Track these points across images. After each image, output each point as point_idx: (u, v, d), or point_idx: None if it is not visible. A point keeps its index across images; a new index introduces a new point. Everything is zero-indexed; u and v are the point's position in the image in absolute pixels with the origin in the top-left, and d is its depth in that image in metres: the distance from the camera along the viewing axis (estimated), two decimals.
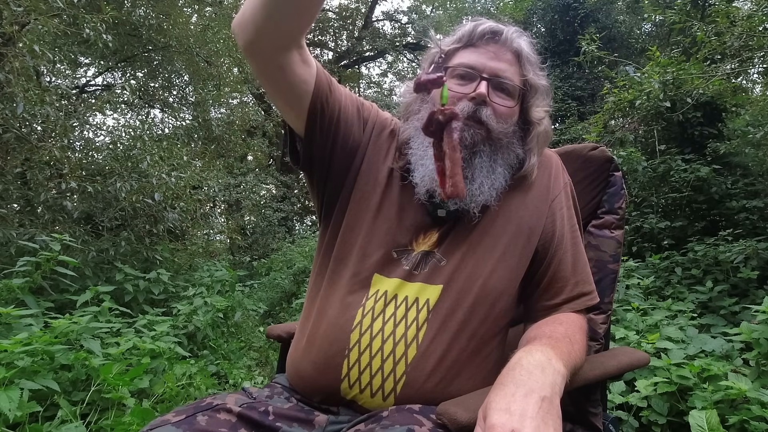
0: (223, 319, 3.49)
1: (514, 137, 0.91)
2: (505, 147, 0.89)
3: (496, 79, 0.87)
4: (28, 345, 1.75)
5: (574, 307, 0.88)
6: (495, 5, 11.93)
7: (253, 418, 0.77)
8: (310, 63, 0.81)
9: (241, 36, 0.76)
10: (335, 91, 0.87)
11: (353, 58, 12.73)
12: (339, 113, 0.88)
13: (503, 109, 0.88)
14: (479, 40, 0.89)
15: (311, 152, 0.89)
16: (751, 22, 3.88)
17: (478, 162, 0.87)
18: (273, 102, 0.87)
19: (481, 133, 0.86)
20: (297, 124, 0.87)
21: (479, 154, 0.87)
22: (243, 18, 0.75)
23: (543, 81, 0.92)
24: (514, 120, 0.90)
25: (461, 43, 0.90)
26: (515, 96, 0.89)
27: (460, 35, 0.90)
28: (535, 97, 0.91)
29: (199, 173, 4.58)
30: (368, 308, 0.83)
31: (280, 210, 9.50)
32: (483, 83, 0.86)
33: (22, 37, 3.60)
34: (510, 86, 0.88)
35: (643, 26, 9.59)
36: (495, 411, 0.58)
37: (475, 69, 0.87)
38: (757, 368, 1.97)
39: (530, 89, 0.91)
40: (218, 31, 5.82)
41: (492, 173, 0.87)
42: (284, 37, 0.74)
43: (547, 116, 0.93)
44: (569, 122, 7.79)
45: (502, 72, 0.87)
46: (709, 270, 3.88)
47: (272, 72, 0.79)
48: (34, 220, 3.57)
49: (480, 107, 0.86)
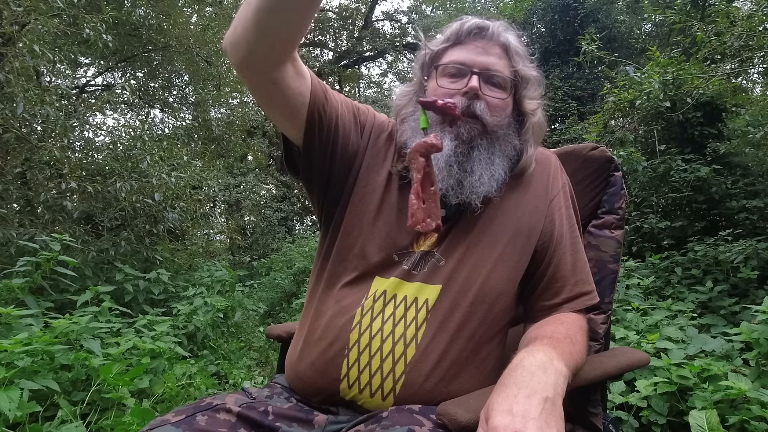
0: (223, 319, 3.49)
1: (510, 129, 0.92)
2: (502, 139, 0.90)
3: (486, 72, 0.89)
4: (28, 345, 1.75)
5: (574, 307, 0.88)
6: (495, 5, 11.91)
7: (252, 418, 0.77)
8: (304, 74, 0.81)
9: (233, 55, 0.76)
10: (331, 99, 0.87)
11: (353, 58, 12.73)
12: (336, 121, 0.88)
13: (496, 102, 0.89)
14: (467, 37, 0.91)
15: (310, 162, 0.89)
16: (751, 22, 3.88)
17: (476, 155, 0.88)
18: (270, 116, 0.86)
19: (477, 128, 0.88)
20: (295, 135, 0.86)
21: (477, 147, 0.88)
22: (234, 37, 0.74)
23: (533, 71, 0.93)
24: (508, 112, 0.92)
25: (450, 42, 0.92)
26: (507, 88, 0.91)
27: (448, 35, 0.92)
28: (527, 88, 0.93)
29: (199, 173, 4.58)
30: (367, 308, 0.84)
31: (280, 210, 9.50)
32: (474, 78, 0.87)
33: (22, 37, 3.60)
34: (501, 79, 0.90)
35: (643, 26, 9.58)
36: (497, 412, 0.58)
37: (465, 65, 0.89)
38: (757, 368, 1.97)
39: (521, 80, 0.92)
40: (218, 31, 5.81)
41: (491, 165, 0.88)
42: (277, 53, 0.74)
43: (540, 107, 0.95)
44: (569, 122, 7.78)
45: (491, 65, 0.89)
46: (709, 270, 3.88)
47: (267, 87, 0.78)
48: (34, 220, 3.57)
49: (473, 101, 0.87)
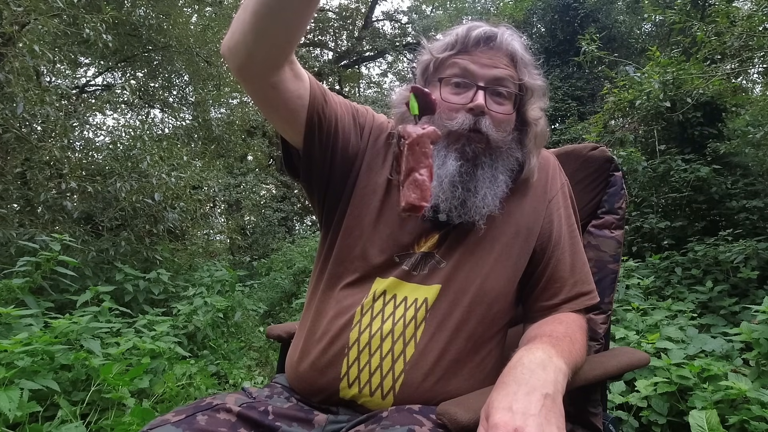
0: (223, 319, 3.49)
1: (513, 142, 0.90)
2: (505, 153, 0.89)
3: (492, 87, 0.86)
4: (28, 345, 1.75)
5: (574, 307, 0.88)
6: (495, 5, 11.91)
7: (252, 417, 0.77)
8: (303, 76, 0.81)
9: (232, 60, 0.76)
10: (330, 101, 0.87)
11: (353, 58, 12.73)
12: (336, 123, 0.88)
13: (501, 117, 0.87)
14: (474, 46, 0.87)
15: (310, 164, 0.89)
16: (751, 22, 3.88)
17: (481, 174, 0.86)
18: (270, 120, 0.86)
19: (481, 146, 0.86)
20: (295, 138, 0.86)
21: (481, 165, 0.86)
22: (232, 42, 0.74)
23: (539, 81, 0.91)
24: (511, 125, 0.90)
25: (454, 50, 0.88)
26: (512, 101, 0.89)
27: (452, 41, 0.88)
28: (532, 98, 0.91)
29: (199, 173, 4.58)
30: (366, 307, 0.84)
31: (280, 210, 9.50)
32: (480, 93, 0.85)
33: (22, 37, 3.60)
34: (506, 92, 0.87)
35: (643, 26, 9.58)
36: (497, 410, 0.58)
37: (471, 77, 0.86)
38: (757, 368, 1.97)
39: (526, 92, 0.90)
40: (218, 31, 5.82)
41: (494, 183, 0.86)
42: (275, 56, 0.74)
43: (543, 115, 0.92)
44: (569, 122, 7.79)
45: (498, 78, 0.86)
46: (709, 270, 3.88)
47: (266, 92, 0.78)
48: (34, 220, 3.57)
49: (479, 118, 0.85)
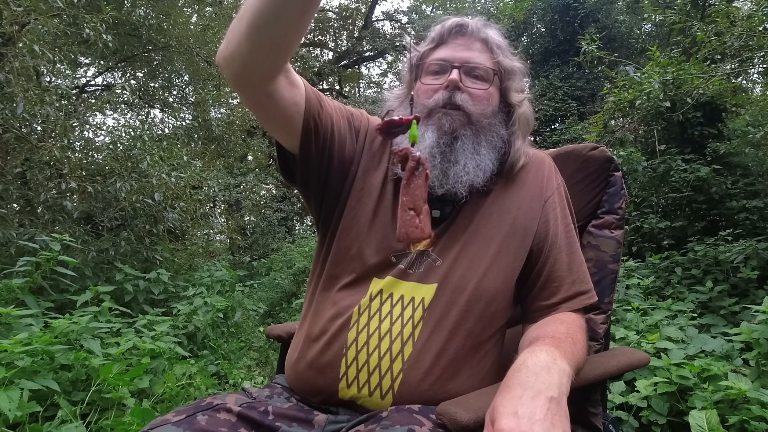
0: (223, 319, 3.49)
1: (496, 119, 0.94)
2: (488, 129, 0.92)
3: (466, 65, 0.91)
4: (28, 345, 1.75)
5: (572, 306, 0.88)
6: (495, 5, 11.91)
7: (252, 417, 0.77)
8: (298, 83, 0.82)
9: (228, 70, 0.76)
10: (325, 106, 0.89)
11: (353, 58, 12.71)
12: (332, 127, 0.89)
13: (478, 92, 0.91)
14: (449, 36, 0.94)
15: (307, 169, 0.90)
16: (751, 22, 3.88)
17: (460, 145, 0.89)
18: (266, 127, 0.88)
19: (460, 118, 0.90)
20: (291, 144, 0.87)
21: (460, 137, 0.90)
22: (228, 51, 0.75)
23: (516, 63, 0.95)
24: (493, 103, 0.93)
25: (434, 44, 0.95)
26: (489, 79, 0.92)
27: (432, 36, 0.96)
28: (511, 78, 0.94)
29: (199, 173, 4.57)
30: (364, 307, 0.84)
31: (280, 210, 9.50)
32: (454, 71, 0.90)
33: (22, 37, 3.59)
34: (482, 71, 0.92)
35: (643, 26, 9.59)
36: (503, 415, 0.57)
37: (446, 61, 0.92)
38: (757, 368, 1.97)
39: (504, 72, 0.94)
40: (218, 31, 5.81)
41: (476, 154, 0.89)
42: (271, 65, 0.75)
43: (527, 100, 0.96)
44: (569, 122, 7.79)
45: (472, 59, 0.91)
46: (709, 270, 3.88)
47: (262, 100, 0.79)
48: (34, 220, 3.56)
49: (454, 93, 0.89)
